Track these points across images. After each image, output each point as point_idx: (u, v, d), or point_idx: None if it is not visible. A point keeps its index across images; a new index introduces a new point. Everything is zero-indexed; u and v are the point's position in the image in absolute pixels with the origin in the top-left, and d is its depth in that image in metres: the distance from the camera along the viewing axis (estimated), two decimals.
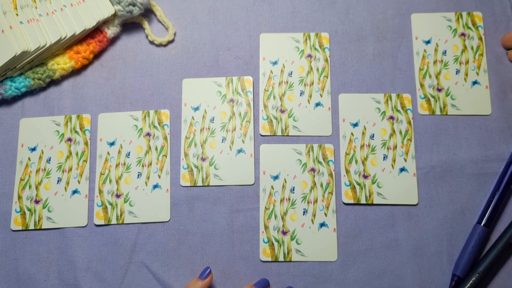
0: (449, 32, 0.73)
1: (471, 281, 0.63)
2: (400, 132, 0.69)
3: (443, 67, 0.72)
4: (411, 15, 0.74)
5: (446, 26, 0.73)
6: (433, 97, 0.71)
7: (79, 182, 0.69)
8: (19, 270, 0.67)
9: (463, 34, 0.73)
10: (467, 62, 0.72)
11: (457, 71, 0.72)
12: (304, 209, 0.67)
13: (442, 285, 0.65)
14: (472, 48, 0.72)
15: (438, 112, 0.70)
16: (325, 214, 0.67)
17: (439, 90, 0.71)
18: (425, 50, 0.72)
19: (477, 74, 0.71)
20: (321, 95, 0.71)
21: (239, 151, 0.69)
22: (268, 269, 0.66)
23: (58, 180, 0.69)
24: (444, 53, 0.72)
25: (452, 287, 0.64)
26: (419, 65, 0.72)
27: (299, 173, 0.69)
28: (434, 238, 0.67)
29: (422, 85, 0.71)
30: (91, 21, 0.71)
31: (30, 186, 0.69)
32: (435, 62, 0.72)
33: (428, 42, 0.73)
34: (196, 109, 0.71)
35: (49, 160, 0.70)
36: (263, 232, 0.67)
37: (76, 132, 0.71)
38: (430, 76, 0.71)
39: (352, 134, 0.70)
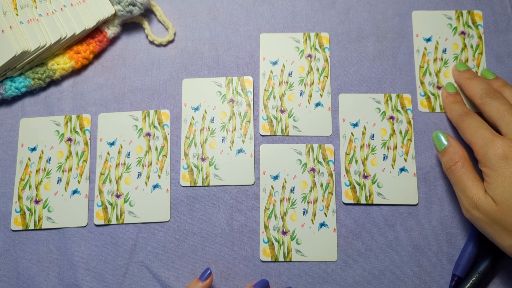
0: (449, 30, 0.73)
1: (471, 281, 0.63)
2: (400, 132, 0.69)
3: (443, 65, 0.72)
4: (412, 12, 0.74)
5: (447, 24, 0.73)
6: (433, 94, 0.71)
7: (79, 182, 0.69)
8: (19, 270, 0.67)
9: (463, 33, 0.73)
10: (466, 60, 0.72)
11: None
12: (304, 209, 0.67)
13: (442, 285, 0.65)
14: (471, 46, 0.72)
15: (438, 109, 0.70)
16: (325, 214, 0.67)
17: (439, 88, 0.71)
18: (425, 48, 0.72)
19: (477, 72, 0.71)
20: (321, 95, 0.71)
21: (239, 151, 0.69)
22: (268, 269, 0.67)
23: (58, 180, 0.69)
24: (444, 51, 0.72)
25: (452, 287, 0.64)
26: (420, 62, 0.72)
27: (299, 173, 0.69)
28: (434, 238, 0.67)
29: (422, 83, 0.71)
30: (91, 21, 0.71)
31: (30, 186, 0.69)
32: (435, 60, 0.72)
33: (428, 39, 0.73)
34: (196, 109, 0.71)
35: (49, 160, 0.70)
36: (263, 232, 0.67)
37: (76, 132, 0.71)
38: (430, 73, 0.71)
39: (352, 134, 0.70)
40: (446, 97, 0.69)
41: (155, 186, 0.69)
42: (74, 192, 0.69)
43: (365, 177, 0.68)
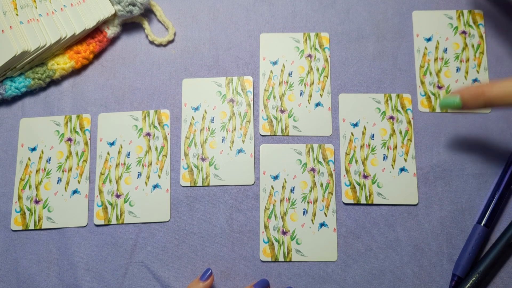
0: (450, 30, 0.73)
1: (471, 281, 0.63)
2: (400, 132, 0.69)
3: (443, 64, 0.72)
4: (413, 12, 0.74)
5: (447, 24, 0.73)
6: (434, 94, 0.71)
7: (79, 182, 0.69)
8: (19, 270, 0.67)
9: (464, 32, 0.73)
10: (467, 60, 0.71)
11: (458, 69, 0.71)
12: (304, 209, 0.67)
13: (442, 285, 0.65)
14: (472, 46, 0.72)
15: (438, 109, 0.70)
16: (325, 214, 0.67)
17: (440, 87, 0.71)
18: (426, 48, 0.72)
19: (478, 72, 0.71)
20: (321, 95, 0.71)
21: (239, 151, 0.69)
22: (268, 269, 0.67)
23: (58, 180, 0.69)
24: (445, 50, 0.72)
25: (452, 287, 0.64)
26: (420, 62, 0.72)
27: (299, 173, 0.69)
28: (434, 238, 0.67)
29: (422, 83, 0.71)
30: (91, 21, 0.71)
31: (30, 186, 0.69)
32: (435, 59, 0.72)
33: (429, 39, 0.73)
34: (196, 109, 0.71)
35: (49, 160, 0.70)
36: (263, 232, 0.67)
37: (76, 132, 0.71)
38: (430, 73, 0.71)
39: (352, 134, 0.69)
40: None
41: (155, 186, 0.69)
42: (74, 192, 0.69)
43: (365, 177, 0.68)
